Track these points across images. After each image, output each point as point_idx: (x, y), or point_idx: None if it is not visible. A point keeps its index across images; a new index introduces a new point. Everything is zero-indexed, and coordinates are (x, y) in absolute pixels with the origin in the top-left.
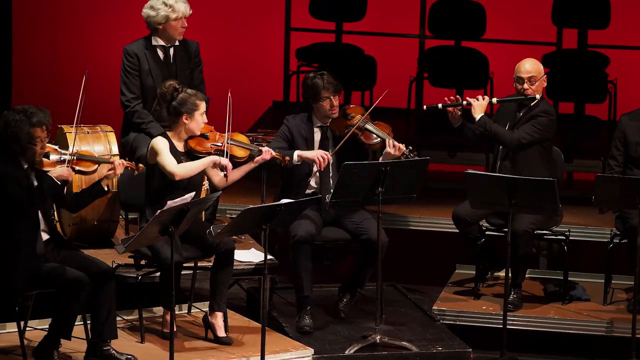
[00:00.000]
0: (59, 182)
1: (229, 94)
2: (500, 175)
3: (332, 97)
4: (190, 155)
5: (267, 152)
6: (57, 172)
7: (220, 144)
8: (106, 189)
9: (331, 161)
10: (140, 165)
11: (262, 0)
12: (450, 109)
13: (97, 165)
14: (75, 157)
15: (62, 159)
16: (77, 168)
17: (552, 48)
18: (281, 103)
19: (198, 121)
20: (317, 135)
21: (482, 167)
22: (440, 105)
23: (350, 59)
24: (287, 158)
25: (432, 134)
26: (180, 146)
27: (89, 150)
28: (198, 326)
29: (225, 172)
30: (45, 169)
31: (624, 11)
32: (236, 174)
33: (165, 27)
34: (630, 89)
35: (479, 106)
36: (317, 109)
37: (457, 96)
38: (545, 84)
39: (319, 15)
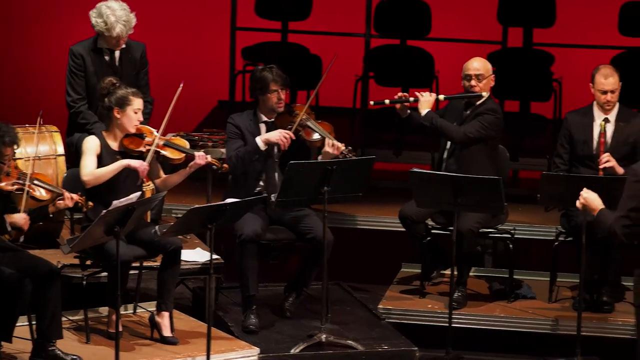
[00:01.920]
0: (10, 228)
1: (181, 85)
2: (446, 173)
3: (280, 90)
4: (126, 154)
5: (201, 157)
6: (14, 219)
7: (151, 146)
8: (51, 215)
9: (293, 138)
10: (90, 203)
11: (208, 0)
12: (397, 105)
13: (50, 195)
14: (32, 182)
15: (19, 181)
16: (31, 194)
17: (497, 47)
18: (227, 102)
19: (130, 117)
20: (263, 130)
21: (428, 166)
22: (387, 101)
23: (295, 58)
24: (225, 165)
25: (378, 132)
26: (114, 145)
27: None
28: (144, 326)
29: (141, 178)
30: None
31: (569, 10)
32: (175, 178)
33: (102, 36)
34: (575, 87)
35: (425, 102)
36: (264, 102)
37: (405, 94)
38: (493, 83)
39: (265, 14)
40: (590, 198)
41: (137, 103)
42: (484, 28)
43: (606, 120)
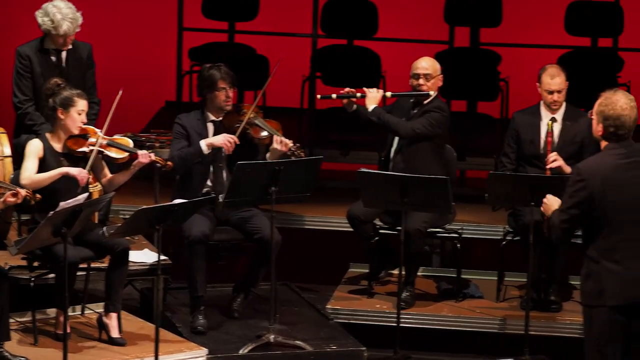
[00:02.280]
0: None
1: (120, 92)
2: (393, 173)
3: (227, 88)
4: (70, 156)
5: (145, 156)
6: None
7: (94, 146)
8: None
9: (238, 142)
10: (38, 195)
11: (155, 0)
12: (344, 100)
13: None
14: None
15: None
16: None
17: (444, 46)
18: (174, 103)
19: (74, 118)
20: (210, 129)
21: (376, 166)
22: (334, 96)
23: (242, 58)
24: (170, 163)
25: (325, 132)
26: (58, 147)
27: None
28: (92, 327)
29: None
30: None
31: (516, 9)
32: (120, 178)
33: (49, 36)
34: (522, 86)
35: (372, 97)
36: (212, 100)
37: (352, 89)
38: (440, 83)
39: (212, 15)
40: (550, 203)
41: (82, 104)
42: (430, 28)
43: (553, 120)
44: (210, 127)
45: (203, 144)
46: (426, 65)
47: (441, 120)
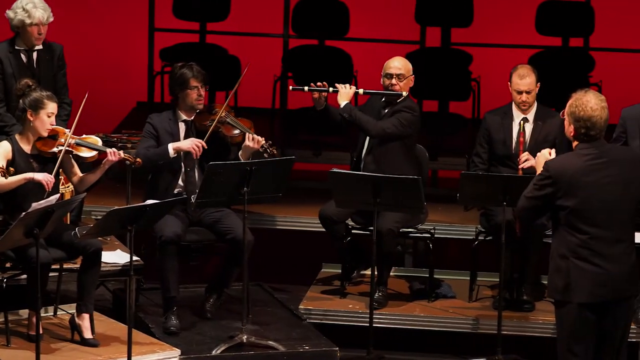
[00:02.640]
0: None
1: (86, 95)
2: (365, 174)
3: (199, 87)
4: (40, 157)
5: (114, 154)
6: None
7: (63, 146)
8: None
9: (205, 147)
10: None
11: (126, 0)
12: (315, 94)
13: None
14: None
15: None
16: None
17: (415, 46)
18: (145, 104)
19: (43, 120)
20: (182, 129)
21: (347, 166)
22: (306, 88)
23: (214, 59)
24: (139, 160)
25: (297, 133)
26: (28, 148)
27: None
28: (64, 328)
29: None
30: None
31: (487, 9)
32: (91, 177)
33: (22, 32)
34: (493, 86)
35: (344, 94)
36: (184, 99)
37: (324, 82)
38: (412, 84)
39: (183, 15)
40: (541, 157)
41: (51, 107)
42: (402, 28)
43: (525, 120)
44: (182, 126)
45: (170, 147)
46: (399, 65)
47: (412, 120)
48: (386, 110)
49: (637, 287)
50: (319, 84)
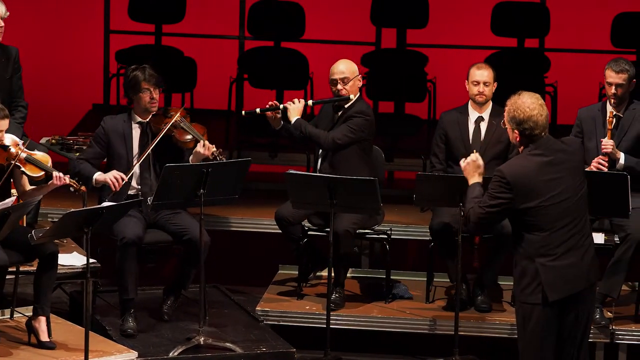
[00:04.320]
0: None
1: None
2: (320, 175)
3: (152, 90)
4: None
5: (59, 178)
6: None
7: (12, 159)
8: None
9: (125, 180)
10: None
11: (81, 2)
12: (269, 113)
13: None
14: None
15: None
16: None
17: (371, 48)
18: (101, 106)
19: None
20: (137, 131)
21: (304, 168)
22: (258, 110)
23: (170, 60)
24: (83, 188)
25: (253, 135)
26: None
27: None
28: (21, 331)
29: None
30: None
31: (442, 10)
32: (35, 193)
33: None
34: (449, 87)
35: (294, 109)
36: (137, 102)
37: (275, 101)
38: (360, 84)
39: (138, 17)
40: (472, 164)
41: (2, 125)
42: (357, 29)
43: (480, 119)
44: (137, 129)
45: (95, 176)
46: (342, 68)
47: (364, 124)
48: (338, 115)
49: (599, 273)
50: (269, 103)
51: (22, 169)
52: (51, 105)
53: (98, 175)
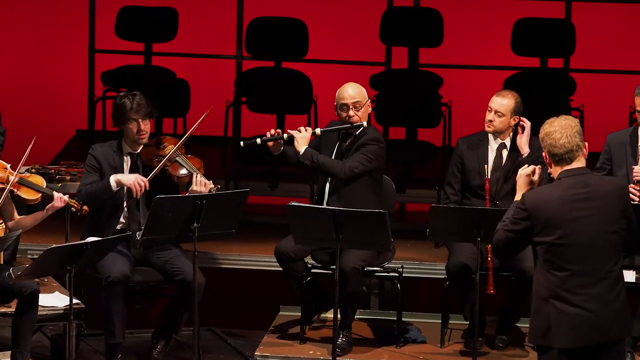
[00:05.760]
0: None
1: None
2: (325, 207)
3: (140, 121)
4: None
5: (59, 200)
6: None
7: (3, 183)
8: None
9: (148, 188)
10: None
11: (64, 19)
12: (271, 143)
13: None
14: None
15: None
16: None
17: (380, 68)
18: (86, 132)
19: None
20: (127, 163)
21: (307, 199)
22: (259, 140)
23: (160, 82)
24: (85, 208)
25: (252, 163)
26: None
27: None
28: None
29: None
30: None
31: (458, 27)
32: (28, 221)
33: None
34: (466, 111)
35: (301, 138)
36: (126, 132)
37: (278, 130)
38: (369, 109)
39: (126, 35)
40: (523, 177)
41: None
42: (365, 48)
43: (503, 146)
44: (127, 160)
45: (112, 180)
46: (353, 93)
47: (379, 152)
48: (347, 143)
49: (627, 329)
50: (271, 132)
51: (17, 192)
52: (31, 130)
53: (117, 176)
